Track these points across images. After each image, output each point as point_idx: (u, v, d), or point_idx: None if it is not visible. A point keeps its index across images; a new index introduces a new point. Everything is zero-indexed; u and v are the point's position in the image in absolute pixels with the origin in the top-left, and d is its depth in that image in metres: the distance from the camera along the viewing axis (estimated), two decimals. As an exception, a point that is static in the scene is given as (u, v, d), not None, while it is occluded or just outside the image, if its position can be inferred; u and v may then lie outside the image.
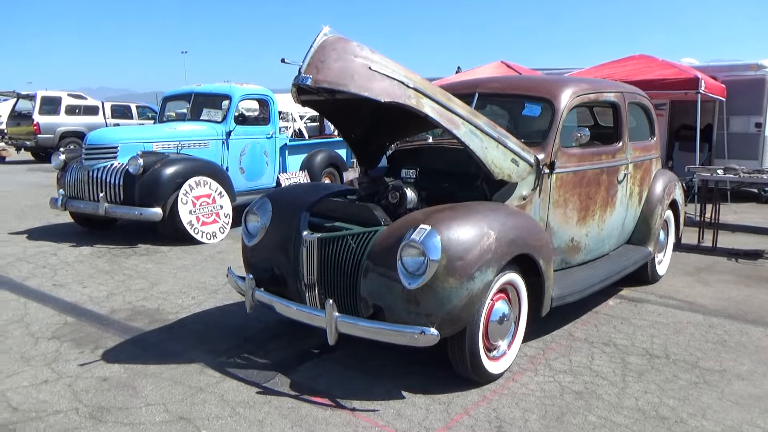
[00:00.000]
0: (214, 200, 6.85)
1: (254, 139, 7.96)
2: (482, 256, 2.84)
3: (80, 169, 6.63)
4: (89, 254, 6.01)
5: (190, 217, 6.53)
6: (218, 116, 7.69)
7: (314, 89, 3.02)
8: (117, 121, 18.33)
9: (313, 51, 2.90)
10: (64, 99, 17.32)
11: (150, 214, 6.27)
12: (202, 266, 5.58)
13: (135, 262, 5.74)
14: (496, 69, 11.70)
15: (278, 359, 3.42)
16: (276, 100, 8.32)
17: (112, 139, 6.61)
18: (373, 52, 3.07)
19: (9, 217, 8.20)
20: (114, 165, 6.49)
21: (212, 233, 6.72)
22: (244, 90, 7.84)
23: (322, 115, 3.98)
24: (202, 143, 7.31)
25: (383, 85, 3.00)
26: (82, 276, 5.17)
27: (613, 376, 3.27)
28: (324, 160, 9.15)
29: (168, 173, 6.42)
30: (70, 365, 3.30)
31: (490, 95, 4.21)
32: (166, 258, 5.92)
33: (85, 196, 6.56)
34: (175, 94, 8.31)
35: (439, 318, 2.77)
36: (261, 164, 8.12)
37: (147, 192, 6.32)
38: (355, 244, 3.08)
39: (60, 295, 4.61)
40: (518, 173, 3.55)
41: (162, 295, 4.65)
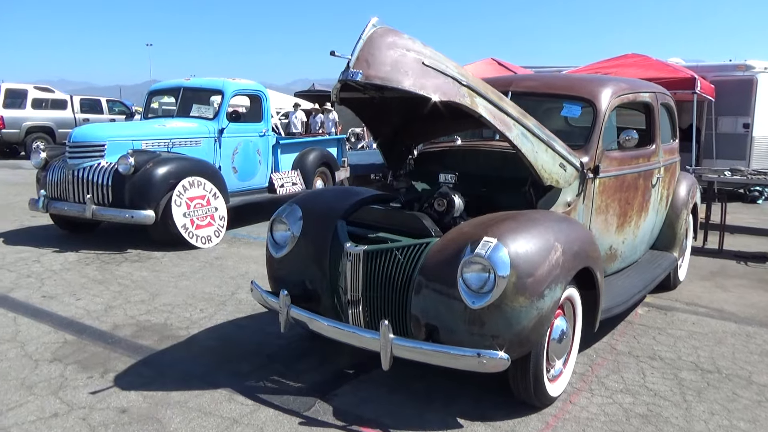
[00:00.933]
0: (209, 202, 6.47)
1: (247, 137, 7.57)
2: (551, 272, 2.61)
3: (64, 168, 6.15)
4: (76, 261, 5.57)
5: (185, 220, 6.14)
6: (209, 113, 7.28)
7: (363, 86, 2.73)
8: (86, 115, 17.57)
9: (362, 44, 2.61)
10: (30, 92, 16.47)
11: (142, 217, 5.86)
12: (202, 274, 5.22)
13: (128, 269, 5.33)
14: (488, 66, 11.53)
15: (312, 382, 3.12)
16: (269, 96, 7.95)
17: (99, 137, 6.16)
18: (424, 46, 2.80)
19: (-20, 218, 7.64)
20: (101, 164, 6.05)
21: (207, 237, 6.34)
22: (236, 85, 7.45)
23: (357, 115, 3.64)
24: (194, 141, 6.90)
25: (437, 83, 2.73)
26: (73, 286, 4.75)
27: (672, 395, 3.08)
28: (316, 159, 8.82)
29: (161, 173, 6.01)
30: (80, 393, 2.93)
31: (524, 94, 3.97)
32: (161, 265, 5.52)
33: (70, 197, 6.10)
34: (161, 88, 7.85)
35: (507, 340, 2.52)
36: (254, 163, 7.74)
37: (138, 193, 5.90)
38: (404, 257, 2.80)
39: (52, 308, 4.20)
40: (565, 178, 3.33)
41: (166, 307, 4.28)
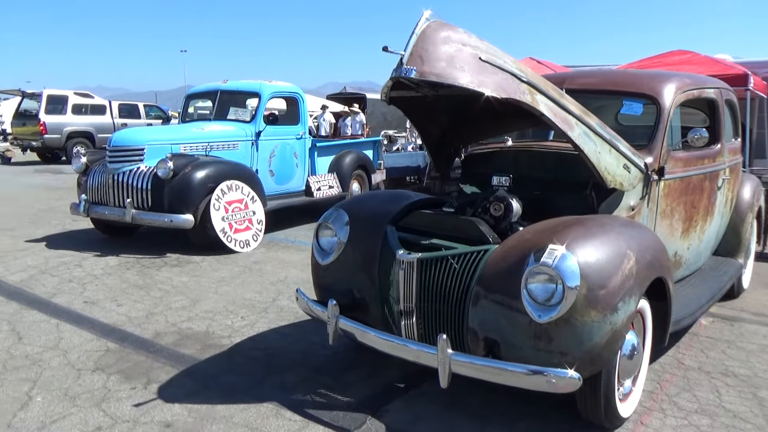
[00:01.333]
0: (247, 206, 6.40)
1: (284, 140, 7.49)
2: (625, 283, 2.39)
3: (104, 172, 6.16)
4: (117, 266, 5.55)
5: (223, 224, 6.07)
6: (246, 115, 7.22)
7: (417, 83, 2.57)
8: (124, 120, 17.88)
9: (416, 39, 2.45)
10: (70, 98, 16.84)
11: (181, 222, 5.81)
12: (242, 279, 5.13)
13: (168, 274, 5.28)
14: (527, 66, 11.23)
15: (361, 396, 2.96)
16: (305, 98, 7.86)
17: (138, 141, 6.14)
18: (480, 40, 2.62)
19: (24, 222, 7.74)
20: (141, 168, 6.03)
21: (245, 241, 6.26)
22: (273, 87, 7.38)
23: (405, 115, 3.49)
24: (231, 144, 6.84)
25: (496, 79, 2.55)
26: (115, 292, 4.71)
27: (753, 416, 2.82)
28: (353, 162, 8.70)
29: (199, 177, 5.96)
30: (123, 406, 2.84)
31: (579, 91, 3.74)
32: (200, 269, 5.46)
33: (110, 201, 6.10)
34: (198, 92, 7.83)
35: (577, 358, 2.32)
36: (291, 166, 7.66)
37: (177, 197, 5.86)
38: (459, 265, 2.62)
39: (94, 315, 4.15)
40: (630, 181, 3.10)
41: (207, 314, 4.19)
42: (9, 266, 5.46)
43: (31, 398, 2.90)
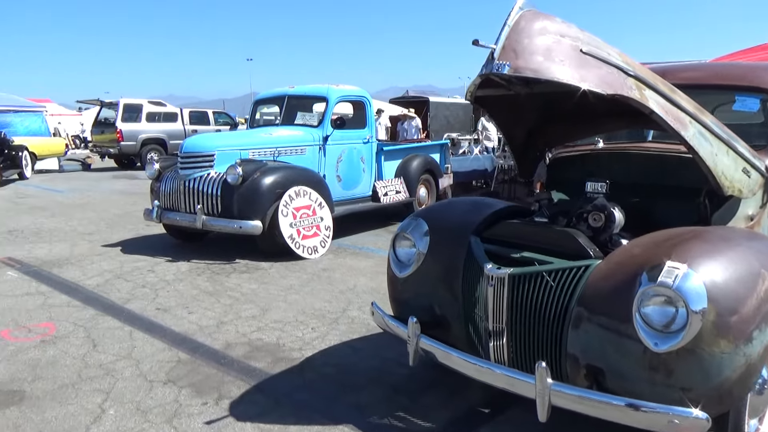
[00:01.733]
0: (315, 212, 6.30)
1: (351, 145, 7.37)
2: (761, 307, 2.05)
3: (176, 178, 6.22)
4: (188, 271, 5.56)
5: (291, 230, 5.99)
6: (314, 120, 7.15)
7: (509, 80, 2.33)
8: (194, 127, 18.43)
9: (508, 31, 2.20)
10: (145, 106, 17.52)
11: (249, 228, 5.77)
12: (311, 288, 5.00)
13: (237, 281, 5.23)
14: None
15: (443, 421, 2.73)
16: (372, 102, 7.72)
17: (208, 147, 6.17)
18: (581, 31, 2.34)
19: (101, 227, 7.99)
20: (211, 174, 6.04)
21: (313, 248, 6.16)
22: (341, 91, 7.27)
23: (490, 116, 3.23)
24: (299, 149, 6.77)
25: (599, 73, 2.26)
26: (186, 298, 4.69)
27: None
28: (420, 166, 8.47)
29: (268, 183, 5.90)
30: (195, 423, 2.73)
31: (683, 87, 3.36)
32: (268, 276, 5.38)
33: (181, 207, 6.15)
34: (266, 97, 7.84)
35: (703, 395, 1.99)
36: (358, 171, 7.53)
37: (246, 203, 5.83)
38: (556, 282, 2.34)
39: (166, 322, 4.12)
40: (750, 187, 2.72)
41: (277, 324, 4.07)
42: (86, 271, 5.58)
43: (104, 411, 2.85)
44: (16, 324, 4.09)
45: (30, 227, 7.97)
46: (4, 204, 10.35)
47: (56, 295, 4.79)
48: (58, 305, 4.52)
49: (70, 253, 6.34)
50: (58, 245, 6.78)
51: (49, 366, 3.37)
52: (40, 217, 8.79)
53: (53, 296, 4.75)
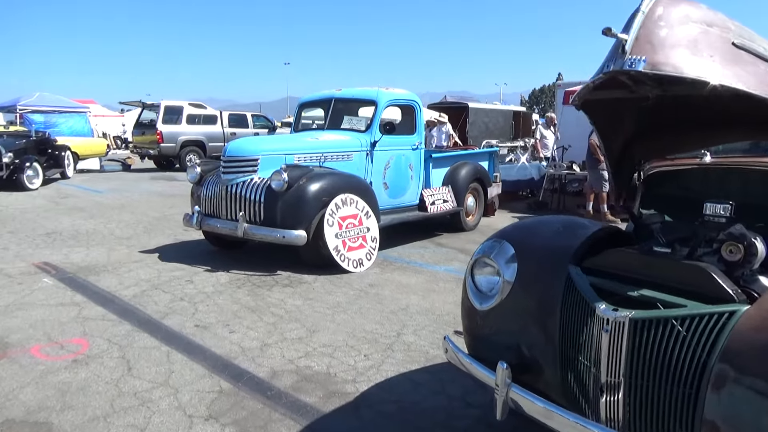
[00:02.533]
0: (361, 221, 5.92)
1: (399, 151, 6.98)
2: None
3: (218, 183, 5.93)
4: (227, 283, 5.24)
5: (336, 241, 5.62)
6: (361, 125, 6.78)
7: (641, 78, 1.89)
8: (233, 129, 18.35)
9: (642, 19, 1.77)
10: (185, 108, 17.51)
11: (293, 238, 5.42)
12: (359, 306, 4.61)
13: (280, 295, 4.88)
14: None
15: (531, 486, 2.29)
16: (422, 106, 7.31)
17: (252, 151, 5.85)
18: (728, 19, 1.89)
19: (139, 231, 7.78)
20: (254, 180, 5.72)
21: (359, 260, 5.78)
22: (390, 95, 6.89)
23: (593, 122, 2.77)
24: (346, 155, 6.41)
25: (757, 71, 1.81)
26: (226, 314, 4.35)
27: None
28: (469, 175, 8.02)
29: (314, 190, 5.55)
30: (240, 474, 2.35)
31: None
32: (313, 291, 5.01)
33: (222, 213, 5.84)
34: (312, 100, 7.51)
35: None
36: (406, 179, 7.12)
37: (290, 211, 5.48)
38: (689, 331, 1.88)
39: (206, 342, 3.78)
40: None
41: (326, 349, 3.69)
42: (123, 279, 5.31)
43: (138, 452, 2.50)
44: (48, 338, 3.81)
45: (68, 229, 7.82)
46: (46, 204, 10.31)
47: (91, 306, 4.51)
48: (92, 318, 4.23)
49: (107, 259, 6.11)
50: (95, 250, 6.57)
51: (80, 392, 3.05)
52: (78, 219, 8.66)
53: (88, 307, 4.48)
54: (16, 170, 11.85)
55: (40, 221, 8.45)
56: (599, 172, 8.93)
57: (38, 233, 7.55)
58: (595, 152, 8.83)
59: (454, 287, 5.19)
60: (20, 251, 6.51)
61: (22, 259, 6.15)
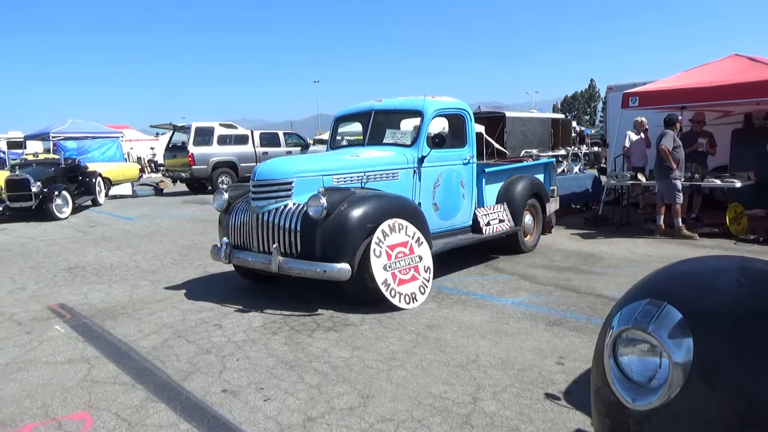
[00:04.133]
0: (412, 249, 5.12)
1: (449, 166, 6.18)
2: None
3: (247, 210, 5.22)
4: (261, 327, 4.50)
5: (385, 274, 4.83)
6: (407, 138, 6.01)
7: None
8: (265, 149, 17.88)
9: None
10: (216, 129, 17.10)
11: (335, 272, 4.65)
12: (419, 357, 3.80)
13: (323, 343, 4.10)
14: (735, 63, 9.02)
15: None
16: (473, 116, 6.51)
17: (285, 173, 5.13)
18: None
19: (167, 262, 7.15)
20: (288, 206, 4.99)
21: (411, 295, 4.97)
22: (438, 103, 6.11)
23: None
24: (391, 174, 5.64)
25: None
26: (260, 372, 3.59)
27: None
28: (526, 190, 7.15)
29: (357, 216, 4.78)
30: None
31: None
32: (361, 336, 4.23)
33: (254, 245, 5.13)
34: (349, 114, 6.77)
35: None
36: (457, 197, 6.31)
37: (331, 241, 4.73)
38: None
39: (235, 416, 3.02)
40: None
41: (387, 426, 2.88)
42: (143, 325, 4.63)
43: None
44: (46, 414, 3.11)
45: (92, 263, 7.25)
46: (73, 234, 9.85)
47: (102, 363, 3.82)
48: (102, 381, 3.53)
49: (129, 299, 5.46)
50: (117, 287, 5.94)
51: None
52: (104, 250, 8.11)
53: (99, 365, 3.79)
54: (45, 200, 11.49)
55: (65, 254, 7.93)
56: (671, 181, 7.94)
57: (60, 268, 7.00)
58: (667, 159, 7.85)
59: (529, 327, 4.34)
60: (37, 290, 5.94)
61: (37, 300, 5.56)
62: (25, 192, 11.41)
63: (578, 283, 5.70)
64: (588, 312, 4.72)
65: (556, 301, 5.06)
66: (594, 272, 6.18)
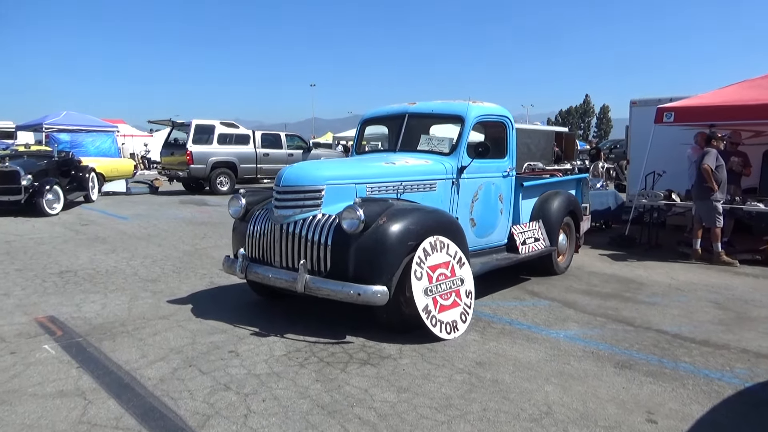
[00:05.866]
0: (453, 271, 4.53)
1: (489, 178, 5.61)
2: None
3: (269, 219, 4.61)
4: (285, 357, 3.89)
5: (426, 299, 4.24)
6: (444, 146, 5.43)
7: None
8: (266, 150, 17.27)
9: None
10: (217, 128, 16.45)
11: (371, 296, 4.05)
12: (481, 404, 3.20)
13: (361, 381, 3.50)
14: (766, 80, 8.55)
15: None
16: (514, 124, 5.95)
17: (315, 179, 4.51)
18: None
19: (168, 269, 6.51)
20: (318, 218, 4.39)
21: (452, 324, 4.38)
22: (481, 109, 5.54)
23: None
24: (429, 185, 5.06)
25: None
26: (294, 421, 2.98)
27: None
28: (563, 207, 6.60)
29: (398, 232, 4.19)
30: None
31: None
32: (404, 373, 3.63)
33: (275, 259, 4.51)
34: (378, 116, 6.17)
35: None
36: (495, 213, 5.75)
37: (368, 260, 4.13)
38: None
39: (271, 484, 2.41)
40: None
41: (467, 507, 2.29)
42: (147, 348, 4.00)
43: None
44: (31, 471, 2.49)
45: (86, 267, 6.60)
46: (65, 232, 9.16)
47: (101, 399, 3.19)
48: (101, 425, 2.91)
49: (128, 314, 4.82)
50: (114, 298, 5.30)
51: None
52: (99, 253, 7.45)
53: (97, 402, 3.16)
54: (35, 194, 10.79)
55: (55, 255, 7.26)
56: (712, 203, 7.43)
57: (50, 272, 6.34)
58: (709, 179, 7.34)
59: (596, 370, 3.76)
60: (24, 298, 5.28)
61: (24, 310, 4.91)
62: (15, 185, 10.69)
63: (629, 314, 5.14)
64: (656, 352, 4.16)
65: (614, 336, 4.49)
66: (641, 301, 5.62)
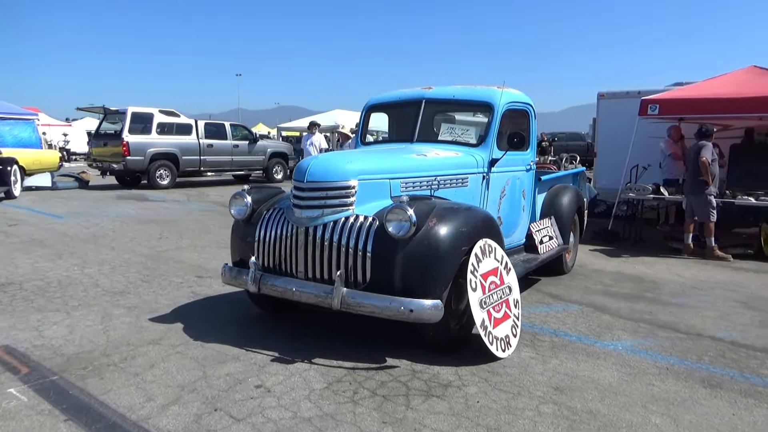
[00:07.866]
0: (502, 279, 3.96)
1: (514, 172, 5.09)
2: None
3: (290, 222, 3.84)
4: (328, 390, 3.17)
5: (482, 313, 3.64)
6: (471, 136, 4.84)
7: None
8: (210, 141, 16.07)
9: None
10: (155, 116, 15.08)
11: (425, 311, 3.39)
12: (593, 445, 2.65)
13: (436, 421, 2.86)
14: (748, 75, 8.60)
15: None
16: (536, 114, 5.45)
17: (345, 172, 3.77)
18: None
19: (134, 278, 5.55)
20: (351, 219, 3.68)
21: (505, 339, 3.81)
22: (511, 96, 4.99)
23: None
24: (461, 180, 4.46)
25: None
26: (386, 486, 2.31)
27: None
28: (573, 202, 6.20)
29: (451, 235, 3.56)
30: None
31: None
32: (477, 406, 3.02)
33: (299, 269, 3.75)
34: (386, 102, 5.45)
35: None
36: (518, 210, 5.24)
37: (420, 269, 3.47)
38: None
39: None
40: None
41: None
42: (148, 387, 3.15)
43: None
44: None
45: (31, 278, 5.51)
46: (-11, 235, 7.85)
47: (116, 470, 2.38)
48: None
49: (106, 339, 3.92)
50: (80, 318, 4.35)
51: None
52: (41, 259, 6.32)
53: (111, 475, 2.34)
54: (-52, 189, 9.27)
55: (-14, 264, 6.08)
56: (706, 197, 7.30)
57: (-14, 285, 5.23)
58: (705, 173, 7.20)
59: (690, 392, 3.31)
60: (-39, 322, 4.23)
61: (-36, 338, 3.88)
62: None
63: (667, 318, 4.78)
64: (730, 365, 3.77)
65: (673, 347, 4.09)
66: (667, 302, 5.30)
